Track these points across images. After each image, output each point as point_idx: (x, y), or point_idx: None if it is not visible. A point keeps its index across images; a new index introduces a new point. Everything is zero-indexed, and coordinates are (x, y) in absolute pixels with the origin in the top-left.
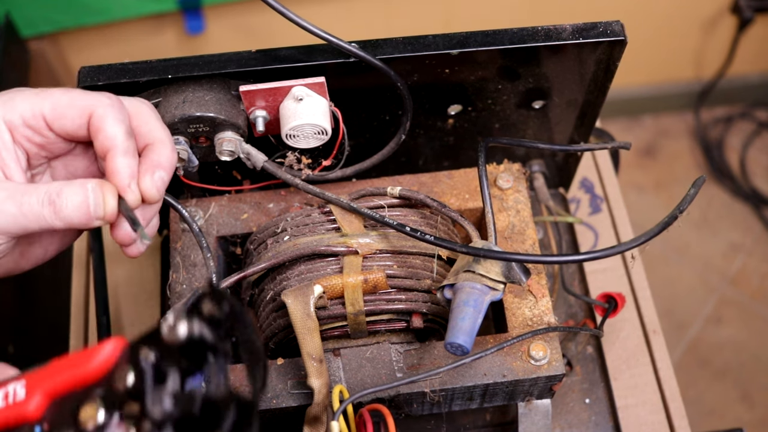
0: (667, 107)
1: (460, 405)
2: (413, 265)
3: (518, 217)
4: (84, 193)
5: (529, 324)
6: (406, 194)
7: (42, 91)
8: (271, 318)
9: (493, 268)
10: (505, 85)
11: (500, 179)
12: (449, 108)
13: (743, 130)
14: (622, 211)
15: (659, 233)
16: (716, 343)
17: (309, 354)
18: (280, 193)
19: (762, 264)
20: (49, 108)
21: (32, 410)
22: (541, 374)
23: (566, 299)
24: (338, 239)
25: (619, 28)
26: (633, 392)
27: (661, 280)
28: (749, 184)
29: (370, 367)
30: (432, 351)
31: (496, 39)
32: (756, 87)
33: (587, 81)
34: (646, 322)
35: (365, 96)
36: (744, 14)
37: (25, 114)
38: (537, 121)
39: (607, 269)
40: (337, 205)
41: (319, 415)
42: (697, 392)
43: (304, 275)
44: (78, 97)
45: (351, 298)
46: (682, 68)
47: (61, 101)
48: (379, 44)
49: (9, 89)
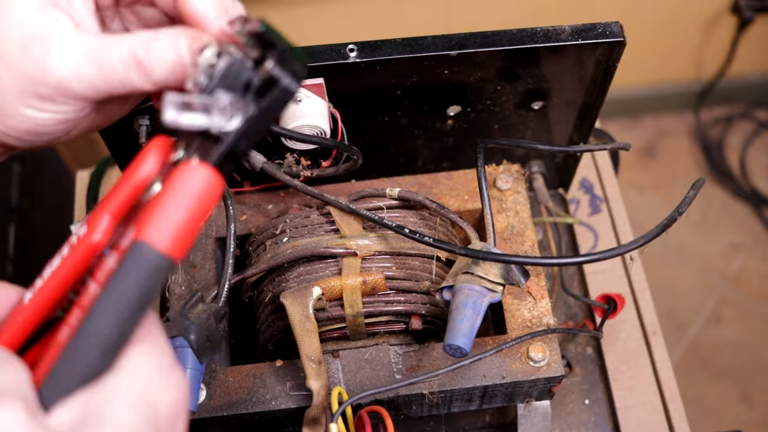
0: (667, 107)
1: (459, 406)
2: (412, 267)
3: (517, 218)
4: (176, 46)
5: (528, 325)
6: (404, 195)
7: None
8: (270, 320)
9: (492, 270)
10: (505, 86)
11: (499, 180)
12: (448, 109)
13: (743, 130)
14: (621, 212)
15: (658, 235)
16: (716, 343)
17: (308, 356)
18: (279, 195)
19: (762, 264)
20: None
21: (97, 240)
22: (540, 376)
23: (566, 300)
24: (337, 241)
25: (618, 29)
26: (633, 393)
27: (661, 280)
28: (749, 184)
29: (369, 369)
30: (431, 353)
31: (496, 40)
32: (756, 87)
33: (586, 82)
34: (646, 323)
35: (364, 97)
36: (744, 14)
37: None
38: (536, 122)
39: (606, 270)
40: (335, 206)
41: (318, 416)
42: (697, 392)
43: (303, 277)
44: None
45: (350, 300)
46: (682, 68)
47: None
48: (378, 45)
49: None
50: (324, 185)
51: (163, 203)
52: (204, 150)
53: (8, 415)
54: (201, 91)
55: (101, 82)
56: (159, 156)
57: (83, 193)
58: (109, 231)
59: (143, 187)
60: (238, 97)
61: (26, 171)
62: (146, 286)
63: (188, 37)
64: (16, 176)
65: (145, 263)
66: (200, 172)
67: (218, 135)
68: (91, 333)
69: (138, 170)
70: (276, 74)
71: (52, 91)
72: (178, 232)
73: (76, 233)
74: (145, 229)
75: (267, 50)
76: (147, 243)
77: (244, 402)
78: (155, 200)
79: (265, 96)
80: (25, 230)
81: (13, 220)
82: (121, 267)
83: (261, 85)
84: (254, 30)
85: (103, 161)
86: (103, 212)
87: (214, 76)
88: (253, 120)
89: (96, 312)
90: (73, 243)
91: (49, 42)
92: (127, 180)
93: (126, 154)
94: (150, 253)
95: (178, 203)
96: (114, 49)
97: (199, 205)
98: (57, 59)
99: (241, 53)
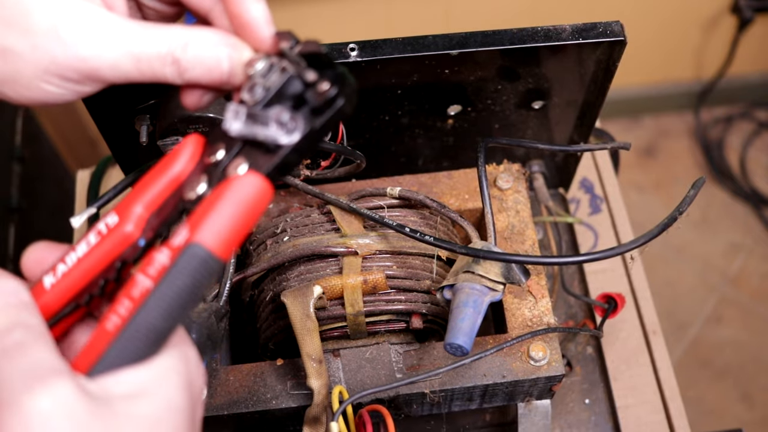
0: (667, 107)
1: (459, 405)
2: (413, 266)
3: (518, 218)
4: (216, 49)
5: (528, 324)
6: (405, 195)
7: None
8: (270, 319)
9: (493, 269)
10: (505, 86)
11: (500, 179)
12: (449, 108)
13: (743, 130)
14: (621, 211)
15: (658, 235)
16: (716, 343)
17: (308, 355)
18: (280, 194)
19: (762, 264)
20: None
21: (131, 231)
22: (540, 375)
23: (566, 300)
24: (338, 240)
25: (619, 28)
26: (633, 392)
27: (661, 280)
28: (749, 184)
29: (370, 368)
30: (431, 352)
31: (496, 39)
32: (756, 87)
33: (587, 81)
34: (646, 323)
35: (364, 96)
36: (744, 14)
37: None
38: (537, 122)
39: (606, 270)
40: (336, 205)
41: (319, 415)
42: (697, 392)
43: (304, 276)
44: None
45: (350, 299)
46: (682, 68)
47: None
48: (379, 44)
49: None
50: (325, 185)
51: (218, 208)
52: (254, 158)
53: (60, 389)
54: (258, 103)
55: (134, 72)
56: (193, 154)
57: (83, 193)
58: (143, 223)
59: (178, 183)
60: (296, 113)
61: (26, 171)
62: (198, 285)
63: (229, 46)
64: (16, 176)
65: (198, 264)
66: (254, 181)
67: (273, 147)
68: (143, 324)
69: (172, 166)
70: (334, 96)
71: (80, 75)
72: (230, 236)
73: (105, 222)
74: (201, 231)
75: (324, 71)
76: (202, 245)
77: (244, 401)
78: (210, 204)
79: (322, 115)
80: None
81: (13, 220)
82: (176, 265)
83: (319, 104)
84: (313, 51)
85: (103, 161)
86: (136, 204)
87: (272, 90)
88: (308, 137)
89: (149, 305)
90: (102, 231)
91: (82, 28)
92: (161, 175)
93: (126, 154)
94: (204, 254)
95: (233, 209)
96: (152, 45)
97: (251, 212)
98: (92, 49)
99: (296, 70)
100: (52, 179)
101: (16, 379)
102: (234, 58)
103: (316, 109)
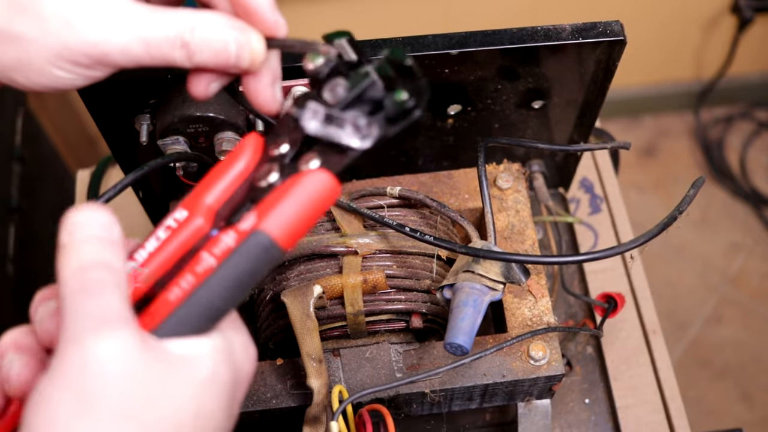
0: (667, 107)
1: (459, 405)
2: (413, 266)
3: (518, 217)
4: (223, 32)
5: (528, 324)
6: (405, 194)
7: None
8: (270, 318)
9: (493, 269)
10: (505, 85)
11: (500, 179)
12: (449, 108)
13: (743, 130)
14: (621, 211)
15: (658, 234)
16: (716, 343)
17: (308, 354)
18: None
19: (762, 264)
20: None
21: (201, 225)
22: (540, 374)
23: (566, 299)
24: (338, 239)
25: (619, 28)
26: (633, 392)
27: (661, 280)
28: (749, 184)
29: (370, 368)
30: (431, 351)
31: (496, 39)
32: (756, 87)
33: (587, 81)
34: (646, 323)
35: None
36: (744, 14)
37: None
38: (537, 121)
39: (606, 269)
40: (336, 205)
41: (319, 415)
42: (697, 392)
43: (304, 275)
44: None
45: (350, 299)
46: (682, 68)
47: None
48: (378, 44)
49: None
50: None
51: (287, 200)
52: (326, 155)
53: (125, 337)
54: (337, 104)
55: (145, 57)
56: (255, 151)
57: (83, 193)
58: (212, 215)
59: (243, 177)
60: (372, 119)
61: (26, 171)
62: (257, 271)
63: (236, 29)
64: (16, 176)
65: (261, 250)
66: (325, 178)
67: (345, 148)
68: (203, 300)
69: (237, 161)
70: (412, 107)
71: (90, 60)
72: (295, 228)
73: (173, 218)
74: (268, 220)
75: (406, 80)
76: (267, 234)
77: (244, 400)
78: (280, 194)
79: (397, 125)
80: (25, 230)
81: (13, 220)
82: (241, 248)
83: (396, 113)
84: (397, 59)
85: (103, 161)
86: (205, 198)
87: (353, 93)
88: (379, 142)
89: (211, 283)
90: (172, 226)
91: (92, 13)
92: (227, 170)
93: (126, 153)
94: (268, 243)
95: (301, 203)
96: (161, 28)
97: (318, 207)
98: (102, 34)
99: (375, 76)
100: (52, 179)
101: (87, 317)
102: (241, 41)
103: (391, 117)
